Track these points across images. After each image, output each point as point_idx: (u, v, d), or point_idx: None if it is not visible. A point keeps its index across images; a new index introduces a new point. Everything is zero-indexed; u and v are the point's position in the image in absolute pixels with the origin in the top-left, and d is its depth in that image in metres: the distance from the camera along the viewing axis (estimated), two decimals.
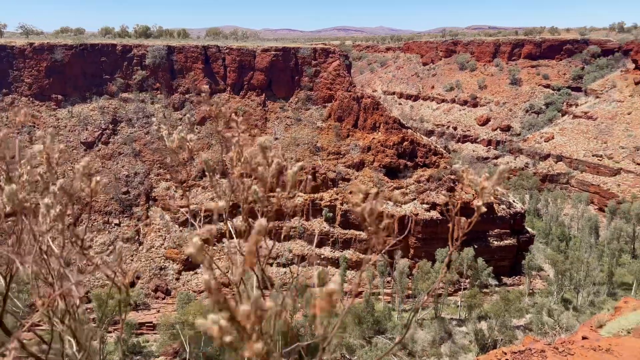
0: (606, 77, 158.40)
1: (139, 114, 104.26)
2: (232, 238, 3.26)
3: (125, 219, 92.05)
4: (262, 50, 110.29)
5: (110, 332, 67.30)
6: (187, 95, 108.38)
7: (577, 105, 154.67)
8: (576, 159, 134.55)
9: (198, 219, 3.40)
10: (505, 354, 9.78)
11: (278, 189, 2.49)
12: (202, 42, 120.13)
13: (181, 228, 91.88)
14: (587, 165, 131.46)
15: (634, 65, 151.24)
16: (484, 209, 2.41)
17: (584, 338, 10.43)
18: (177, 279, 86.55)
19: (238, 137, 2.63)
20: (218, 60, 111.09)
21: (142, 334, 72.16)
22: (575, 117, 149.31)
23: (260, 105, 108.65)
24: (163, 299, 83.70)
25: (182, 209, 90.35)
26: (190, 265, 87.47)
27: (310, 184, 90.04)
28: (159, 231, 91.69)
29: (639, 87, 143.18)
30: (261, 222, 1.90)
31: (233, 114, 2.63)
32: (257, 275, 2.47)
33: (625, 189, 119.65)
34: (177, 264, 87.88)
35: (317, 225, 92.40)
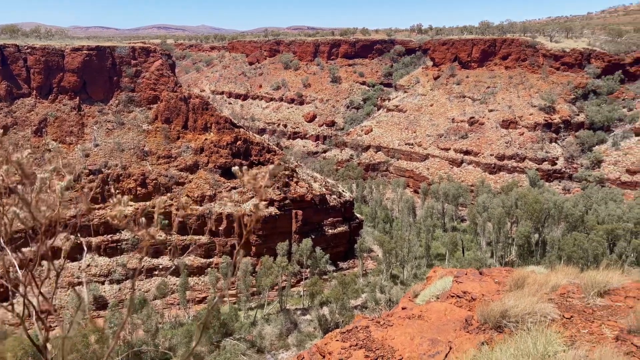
0: (411, 74, 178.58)
1: None
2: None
3: None
4: (73, 50, 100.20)
5: None
6: None
7: (389, 99, 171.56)
8: (392, 148, 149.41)
9: None
10: (337, 335, 10.49)
11: (43, 207, 2.27)
12: None
13: None
14: (402, 153, 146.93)
15: (432, 63, 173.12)
16: (263, 205, 2.52)
17: (403, 309, 11.68)
18: None
19: None
20: (19, 61, 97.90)
21: None
22: (388, 110, 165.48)
23: (75, 110, 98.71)
24: None
25: None
26: (1, 295, 75.99)
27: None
28: None
29: (437, 82, 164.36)
30: None
31: None
32: (29, 301, 2.23)
33: (433, 171, 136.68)
34: None
35: (152, 234, 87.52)
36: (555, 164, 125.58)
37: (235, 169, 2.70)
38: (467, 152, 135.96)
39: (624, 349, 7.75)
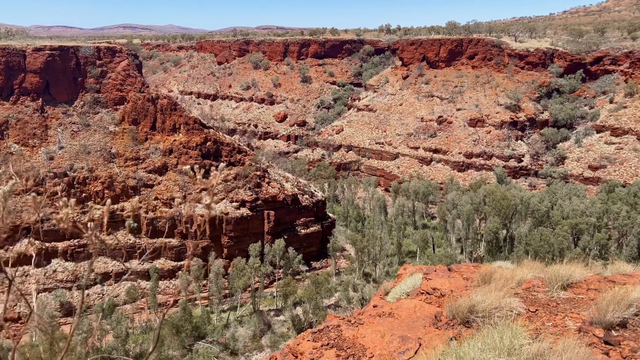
0: (380, 74, 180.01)
1: None
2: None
3: None
4: (34, 50, 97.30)
5: None
6: None
7: (359, 99, 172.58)
8: (363, 148, 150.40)
9: None
10: (308, 335, 10.51)
11: None
12: None
13: None
14: (373, 152, 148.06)
15: (400, 62, 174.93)
16: (214, 206, 2.51)
17: (374, 306, 11.77)
18: None
19: None
20: None
21: None
22: (359, 110, 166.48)
23: (38, 112, 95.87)
24: None
25: None
26: None
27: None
28: None
29: (406, 82, 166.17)
30: None
31: None
32: None
33: (403, 170, 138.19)
34: None
35: (121, 238, 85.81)
36: (522, 161, 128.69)
37: (186, 168, 2.67)
38: (436, 151, 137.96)
39: (586, 340, 8.00)
